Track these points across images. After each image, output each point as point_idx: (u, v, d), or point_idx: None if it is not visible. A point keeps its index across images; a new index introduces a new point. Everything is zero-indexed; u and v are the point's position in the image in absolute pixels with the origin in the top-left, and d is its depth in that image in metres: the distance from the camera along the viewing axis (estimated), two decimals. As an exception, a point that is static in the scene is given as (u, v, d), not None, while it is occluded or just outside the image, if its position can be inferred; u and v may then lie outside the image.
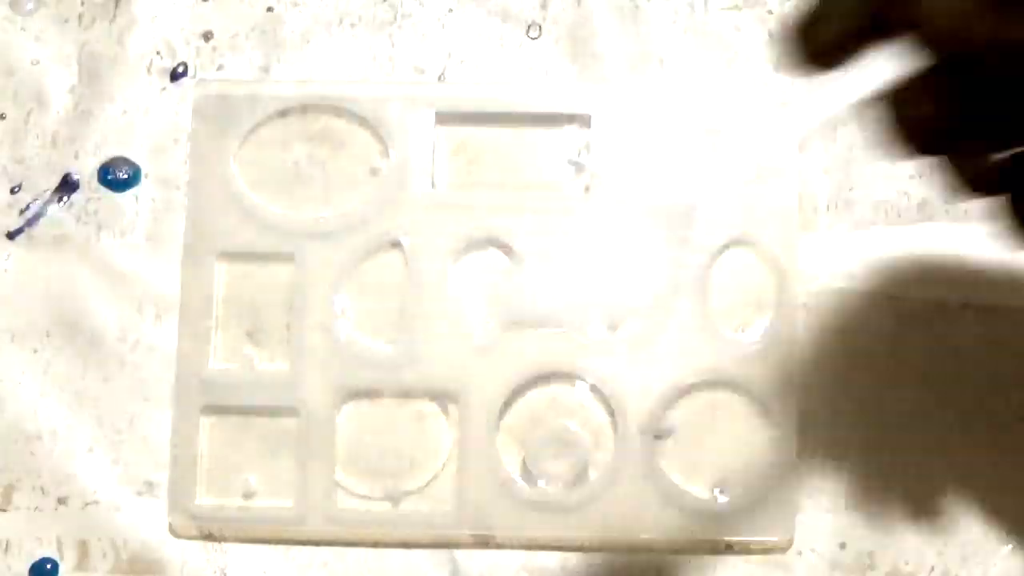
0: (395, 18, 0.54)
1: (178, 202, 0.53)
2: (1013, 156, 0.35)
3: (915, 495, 0.52)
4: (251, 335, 0.53)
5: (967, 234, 0.53)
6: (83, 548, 0.52)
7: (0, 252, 0.54)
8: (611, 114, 0.52)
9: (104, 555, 0.52)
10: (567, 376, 0.52)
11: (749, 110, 0.52)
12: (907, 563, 0.51)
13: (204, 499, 0.52)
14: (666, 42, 0.54)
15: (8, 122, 0.54)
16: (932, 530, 0.51)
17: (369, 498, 0.52)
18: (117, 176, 0.54)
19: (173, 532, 0.52)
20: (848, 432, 0.52)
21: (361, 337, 0.53)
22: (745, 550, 0.52)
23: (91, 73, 0.54)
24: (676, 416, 0.52)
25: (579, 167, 0.53)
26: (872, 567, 0.51)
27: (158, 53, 0.54)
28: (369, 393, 0.52)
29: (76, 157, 0.54)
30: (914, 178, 0.53)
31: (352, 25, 0.54)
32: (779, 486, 0.51)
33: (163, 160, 0.54)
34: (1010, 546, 0.51)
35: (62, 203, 0.54)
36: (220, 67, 0.54)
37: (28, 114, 0.54)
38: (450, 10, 0.54)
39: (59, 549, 0.52)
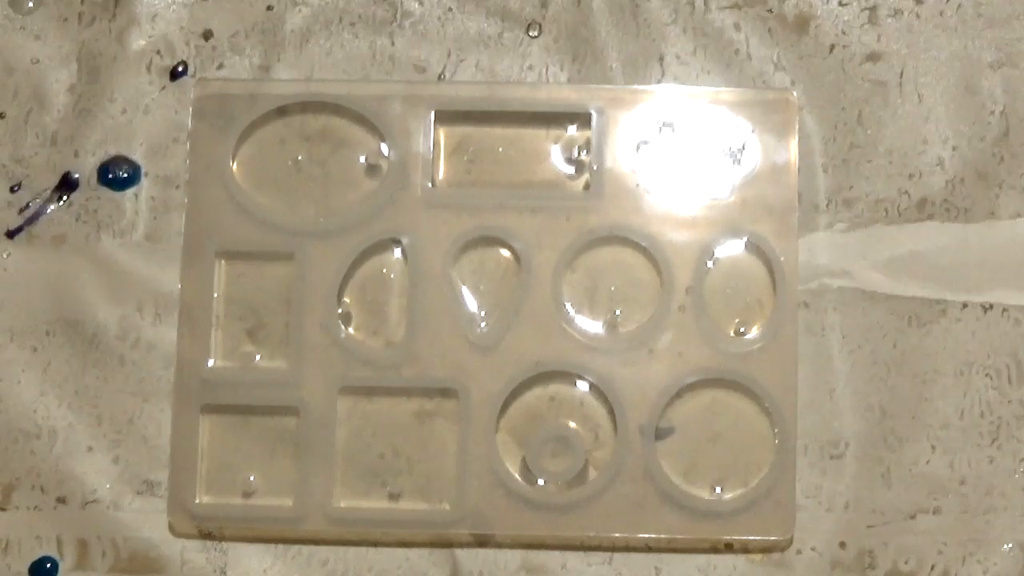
0: (395, 17, 0.54)
1: (178, 201, 0.53)
2: None
3: (915, 495, 0.52)
4: (251, 334, 0.53)
5: (967, 234, 0.53)
6: (83, 547, 0.52)
7: None
8: (611, 113, 0.52)
9: (104, 554, 0.52)
10: (567, 375, 0.52)
11: (749, 109, 0.52)
12: (907, 563, 0.51)
13: (204, 498, 0.52)
14: (666, 41, 0.54)
15: (8, 121, 0.54)
16: (932, 529, 0.51)
17: (369, 497, 0.52)
18: (117, 175, 0.54)
19: (173, 531, 0.52)
20: (848, 432, 0.52)
21: (361, 336, 0.53)
22: (745, 549, 0.52)
23: (91, 72, 0.54)
24: (676, 416, 0.52)
25: (578, 165, 0.53)
26: (872, 567, 0.51)
27: (158, 52, 0.54)
28: (369, 392, 0.52)
29: (76, 156, 0.54)
30: (914, 177, 0.53)
31: (352, 24, 0.54)
32: (779, 486, 0.51)
33: (163, 159, 0.54)
34: (1010, 546, 0.51)
35: (62, 202, 0.54)
36: (220, 66, 0.54)
37: (28, 113, 0.54)
38: (450, 9, 0.54)
39: (59, 548, 0.52)
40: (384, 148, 0.53)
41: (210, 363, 0.52)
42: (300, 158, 0.53)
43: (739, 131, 0.52)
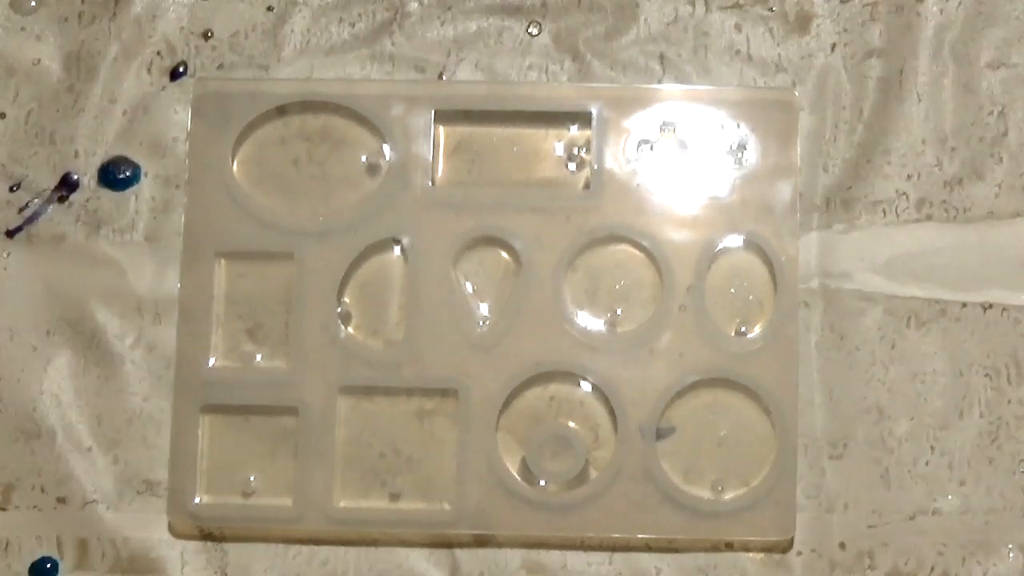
0: (395, 16, 0.54)
1: (178, 201, 0.53)
2: None
3: (915, 495, 0.52)
4: (251, 333, 0.53)
5: (966, 234, 0.53)
6: (83, 547, 0.52)
7: (-1, 250, 0.54)
8: (611, 112, 0.52)
9: (104, 554, 0.52)
10: (567, 375, 0.52)
11: (749, 109, 0.52)
12: (907, 563, 0.51)
13: (204, 498, 0.52)
14: (666, 40, 0.54)
15: (8, 121, 0.54)
16: (932, 529, 0.51)
17: (369, 497, 0.52)
18: (117, 175, 0.54)
19: (173, 531, 0.52)
20: (848, 432, 0.52)
21: (361, 336, 0.53)
22: (745, 549, 0.52)
23: (91, 72, 0.54)
24: (676, 416, 0.52)
25: (578, 164, 0.53)
26: (872, 567, 0.51)
27: (158, 52, 0.54)
28: (369, 392, 0.52)
29: (76, 156, 0.54)
30: (912, 178, 0.53)
31: (352, 24, 0.54)
32: (779, 486, 0.51)
33: (163, 159, 0.54)
34: (1010, 546, 0.51)
35: (62, 202, 0.54)
36: (220, 66, 0.54)
37: (28, 113, 0.54)
38: (449, 8, 0.54)
39: (59, 548, 0.52)
40: (384, 148, 0.53)
41: (210, 363, 0.52)
42: (300, 158, 0.53)
43: (739, 131, 0.52)
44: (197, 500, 0.52)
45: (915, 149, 0.53)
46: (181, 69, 0.54)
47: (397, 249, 0.53)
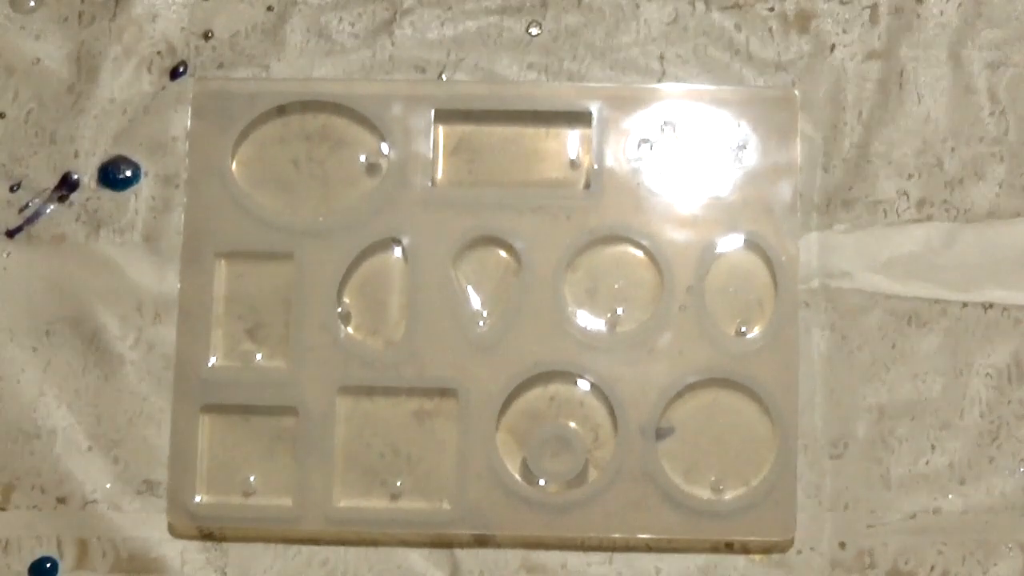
0: (395, 16, 0.54)
1: (178, 200, 0.53)
2: None
3: (915, 495, 0.52)
4: (250, 333, 0.53)
5: (967, 234, 0.53)
6: (83, 547, 0.52)
7: (-1, 250, 0.54)
8: (611, 112, 0.52)
9: (104, 554, 0.52)
10: (567, 375, 0.52)
11: (750, 108, 0.52)
12: (907, 563, 0.51)
13: (204, 498, 0.52)
14: (666, 40, 0.54)
15: (8, 121, 0.54)
16: (932, 529, 0.51)
17: (368, 497, 0.52)
18: (117, 175, 0.54)
19: (172, 531, 0.52)
20: (848, 432, 0.52)
21: (360, 336, 0.53)
22: (745, 549, 0.52)
23: (91, 72, 0.54)
24: (676, 415, 0.52)
25: (579, 165, 0.53)
26: (872, 567, 0.51)
27: (158, 52, 0.54)
28: (369, 392, 0.52)
29: (76, 156, 0.54)
30: (913, 177, 0.53)
31: (352, 24, 0.54)
32: (779, 485, 0.51)
33: (163, 159, 0.54)
34: (1010, 545, 0.51)
35: (62, 202, 0.54)
36: (220, 66, 0.54)
37: (28, 113, 0.54)
38: (449, 8, 0.54)
39: (59, 548, 0.52)
40: (384, 148, 0.53)
41: (210, 363, 0.52)
42: (299, 158, 0.53)
43: (739, 130, 0.52)
44: (197, 500, 0.52)
45: (915, 149, 0.53)
46: (181, 69, 0.54)
47: (397, 249, 0.53)
